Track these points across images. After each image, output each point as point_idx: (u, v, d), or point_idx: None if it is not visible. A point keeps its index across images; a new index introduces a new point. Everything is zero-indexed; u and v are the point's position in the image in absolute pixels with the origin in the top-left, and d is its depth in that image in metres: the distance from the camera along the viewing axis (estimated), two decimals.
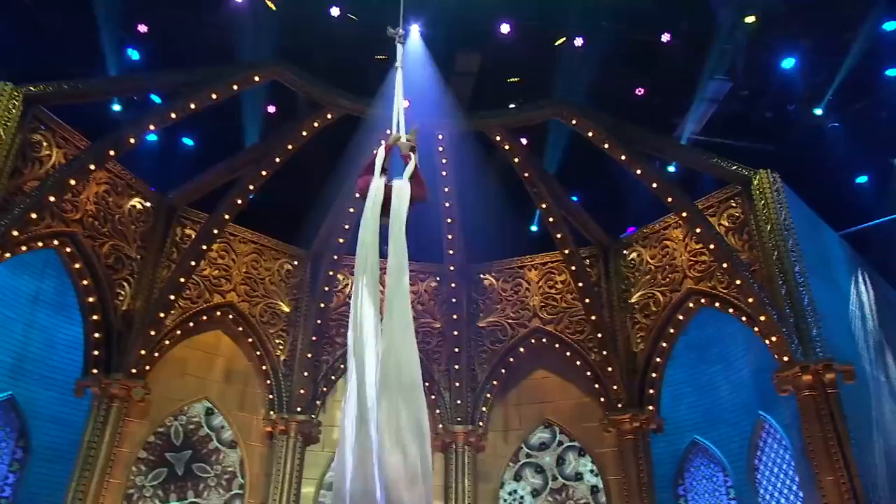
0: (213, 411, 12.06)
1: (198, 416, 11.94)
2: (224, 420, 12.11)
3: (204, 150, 13.91)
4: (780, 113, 13.28)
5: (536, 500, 12.43)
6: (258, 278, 12.89)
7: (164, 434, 11.46)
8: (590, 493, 12.22)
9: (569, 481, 12.43)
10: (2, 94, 9.29)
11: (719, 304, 11.26)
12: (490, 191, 14.07)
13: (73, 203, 10.34)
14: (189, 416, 11.82)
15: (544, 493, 12.44)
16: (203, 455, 11.71)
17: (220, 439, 11.97)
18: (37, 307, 12.05)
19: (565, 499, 12.30)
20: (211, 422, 12.01)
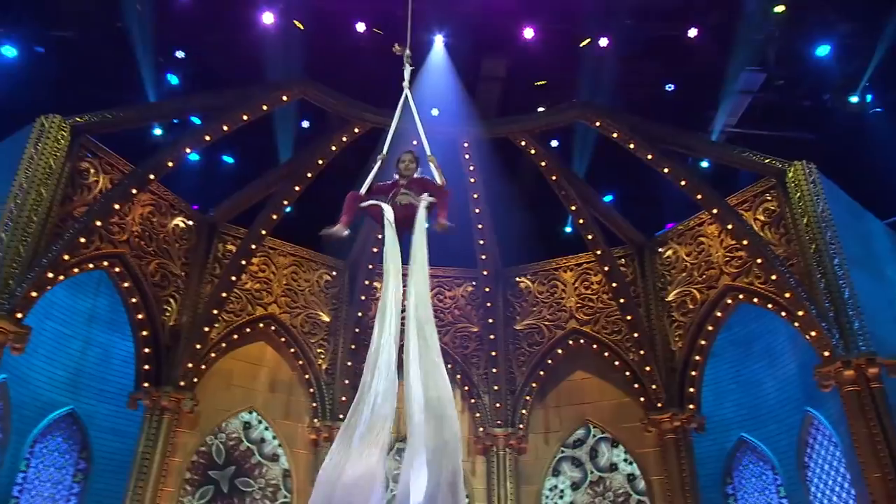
0: (250, 425, 12.33)
1: (237, 432, 12.23)
2: (262, 433, 12.39)
3: (242, 167, 14.38)
4: (818, 101, 12.92)
5: (576, 494, 12.48)
6: (298, 289, 13.26)
7: (207, 453, 11.77)
8: (627, 482, 12.25)
9: (604, 473, 12.47)
10: (51, 126, 9.86)
11: (758, 300, 11.06)
12: (521, 194, 14.16)
13: (120, 225, 10.88)
14: (227, 433, 12.10)
15: (584, 486, 12.48)
16: (246, 470, 12.03)
17: (261, 453, 12.27)
18: (92, 324, 12.66)
19: (604, 490, 12.34)
20: (250, 435, 12.29)
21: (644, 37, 12.45)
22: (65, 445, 12.09)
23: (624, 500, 12.17)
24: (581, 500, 12.42)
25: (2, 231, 9.01)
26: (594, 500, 12.34)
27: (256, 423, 12.41)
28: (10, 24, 12.12)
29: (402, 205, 5.94)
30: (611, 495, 12.26)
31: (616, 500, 12.20)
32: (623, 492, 12.20)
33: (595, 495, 12.36)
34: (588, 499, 12.39)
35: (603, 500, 12.27)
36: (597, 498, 12.33)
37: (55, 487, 11.82)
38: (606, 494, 12.30)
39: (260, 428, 12.42)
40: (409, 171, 6.13)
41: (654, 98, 13.34)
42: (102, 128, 10.33)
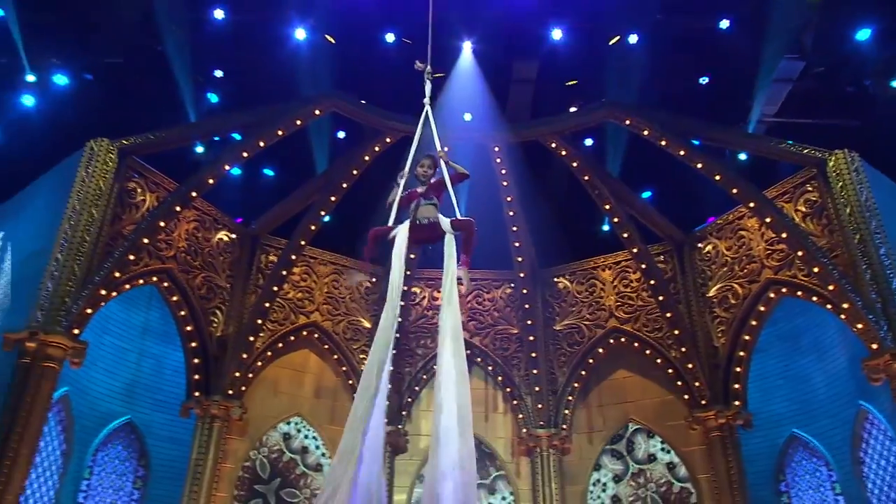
0: (290, 436, 12.54)
1: (278, 445, 12.46)
2: (303, 441, 12.60)
3: (281, 179, 14.75)
4: (860, 87, 12.55)
5: (619, 486, 12.49)
6: (339, 297, 13.54)
7: (251, 468, 12.02)
8: (667, 470, 12.25)
9: (643, 465, 12.46)
10: (100, 149, 10.36)
11: (801, 294, 10.83)
12: (557, 195, 14.15)
13: (167, 241, 11.33)
14: (269, 446, 12.34)
15: (626, 479, 12.49)
16: (291, 481, 12.29)
17: (305, 463, 12.52)
18: (146, 337, 13.16)
19: (646, 482, 12.33)
20: (291, 446, 12.53)
21: (675, 31, 12.32)
22: (124, 453, 12.60)
23: (666, 489, 12.17)
24: (624, 493, 12.44)
25: (58, 252, 9.51)
26: (637, 491, 12.35)
27: (296, 433, 12.65)
28: (62, 55, 12.74)
29: (422, 224, 5.94)
30: (653, 486, 12.27)
31: (658, 490, 12.21)
32: (665, 481, 12.21)
33: (637, 487, 12.38)
34: (631, 490, 12.40)
35: (645, 491, 12.28)
36: (639, 490, 12.34)
37: (117, 494, 12.33)
38: (648, 486, 12.31)
39: (300, 437, 12.67)
40: (426, 176, 6.17)
41: (688, 92, 13.20)
42: (147, 149, 10.79)
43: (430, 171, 6.21)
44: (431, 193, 6.10)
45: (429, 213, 5.97)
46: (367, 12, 12.29)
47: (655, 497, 12.20)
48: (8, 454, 8.39)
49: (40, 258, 9.91)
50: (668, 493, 12.15)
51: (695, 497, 11.85)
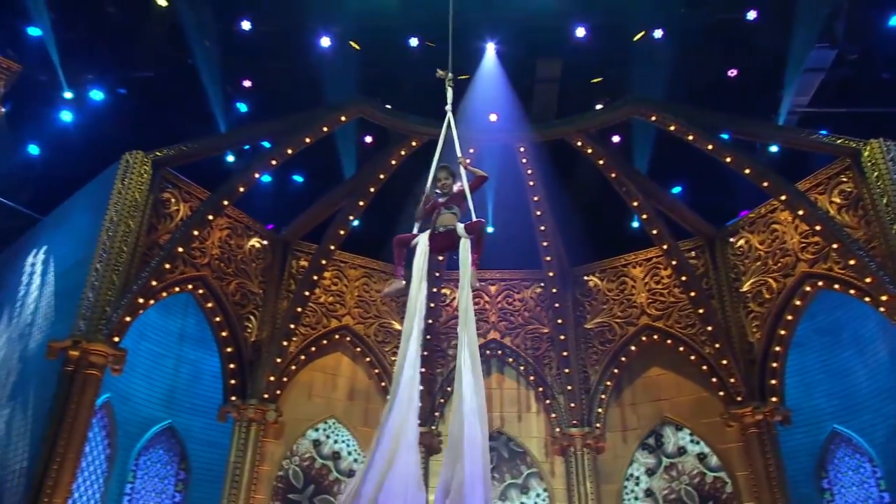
0: (319, 442, 12.60)
1: (308, 452, 12.52)
2: (333, 447, 12.64)
3: (309, 186, 14.96)
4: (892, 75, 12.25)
5: (652, 480, 12.44)
6: (370, 300, 13.68)
7: (284, 477, 12.10)
8: (699, 461, 12.19)
9: (674, 458, 12.40)
10: (135, 162, 10.66)
11: (839, 286, 10.62)
12: (584, 193, 14.09)
13: (200, 249, 11.59)
14: (300, 455, 12.39)
15: (659, 472, 12.44)
16: (325, 487, 12.38)
17: (338, 469, 12.58)
18: (183, 343, 13.47)
19: (678, 474, 12.26)
20: (322, 452, 12.59)
21: (700, 24, 12.16)
22: (165, 457, 12.89)
23: (699, 480, 12.10)
24: (658, 486, 12.38)
25: (97, 262, 9.82)
26: (671, 485, 12.28)
27: (325, 439, 12.72)
28: (96, 70, 13.13)
29: (440, 233, 6.09)
30: (686, 479, 12.20)
31: (692, 482, 12.13)
32: (697, 473, 12.14)
33: (671, 480, 12.31)
34: (664, 484, 12.34)
35: (679, 484, 12.21)
36: (673, 483, 12.27)
37: (159, 497, 12.62)
38: (681, 478, 12.23)
39: (329, 442, 12.73)
40: (447, 189, 6.31)
41: (716, 86, 13.00)
42: (180, 160, 11.07)
43: (449, 182, 6.32)
44: (452, 203, 6.23)
45: (447, 222, 6.13)
46: (391, 17, 12.40)
47: (689, 490, 12.13)
48: (55, 459, 8.69)
49: (81, 269, 10.25)
50: (702, 485, 12.08)
51: (730, 486, 11.75)
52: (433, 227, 6.14)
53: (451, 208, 6.20)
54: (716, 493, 11.94)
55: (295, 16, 12.52)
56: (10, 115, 11.92)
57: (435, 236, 6.08)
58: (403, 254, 6.23)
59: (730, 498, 11.68)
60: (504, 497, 12.83)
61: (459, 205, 6.22)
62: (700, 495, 12.03)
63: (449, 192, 6.28)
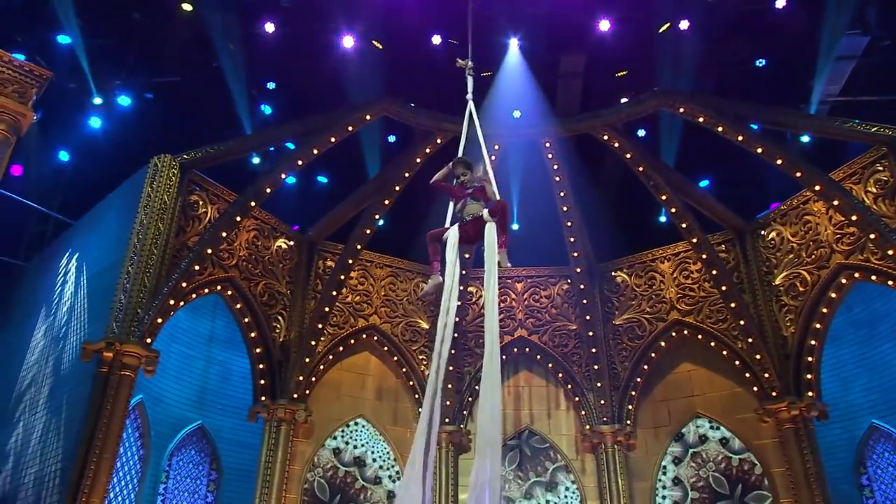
0: (339, 450, 12.42)
1: (330, 462, 12.33)
2: (352, 452, 12.49)
3: (334, 186, 15.01)
4: None
5: (679, 468, 12.37)
6: (396, 299, 13.68)
7: (310, 490, 11.95)
8: (721, 447, 12.15)
9: (696, 447, 12.34)
10: (163, 165, 10.77)
11: (876, 278, 10.39)
12: (611, 188, 13.93)
13: (228, 251, 11.68)
14: (322, 466, 12.22)
15: (686, 459, 12.37)
16: (351, 495, 12.26)
17: (363, 477, 12.45)
18: (212, 345, 13.59)
19: (704, 461, 12.21)
20: (343, 459, 12.44)
21: (728, 14, 11.95)
22: (197, 458, 13.02)
23: (725, 465, 12.02)
24: (685, 474, 12.30)
25: (129, 265, 9.94)
26: (698, 472, 12.20)
27: (344, 446, 12.56)
28: (125, 76, 13.31)
29: (467, 221, 6.19)
30: (712, 465, 12.12)
31: (718, 468, 12.05)
32: (722, 458, 12.09)
33: (698, 468, 12.23)
34: (692, 472, 12.25)
35: (706, 471, 12.13)
36: (700, 470, 12.19)
37: (192, 497, 12.74)
38: (707, 465, 12.16)
39: (349, 449, 12.57)
40: (469, 182, 6.40)
41: (744, 76, 12.79)
42: (207, 162, 11.17)
43: (468, 177, 6.43)
44: (477, 195, 6.34)
45: (473, 210, 6.23)
46: (413, 16, 12.38)
47: (717, 476, 12.04)
48: (92, 459, 8.81)
49: (113, 272, 10.39)
50: (729, 469, 12.02)
51: (758, 468, 11.69)
52: (461, 219, 6.23)
53: (477, 199, 6.30)
54: (744, 476, 11.87)
55: (318, 17, 12.57)
56: (40, 121, 12.12)
57: (464, 226, 6.17)
58: (438, 248, 6.27)
59: (759, 479, 11.65)
60: (529, 495, 12.75)
61: (484, 197, 6.29)
62: (728, 480, 11.96)
63: (471, 185, 6.37)
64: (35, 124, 11.46)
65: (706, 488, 12.05)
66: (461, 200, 6.31)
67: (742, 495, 11.76)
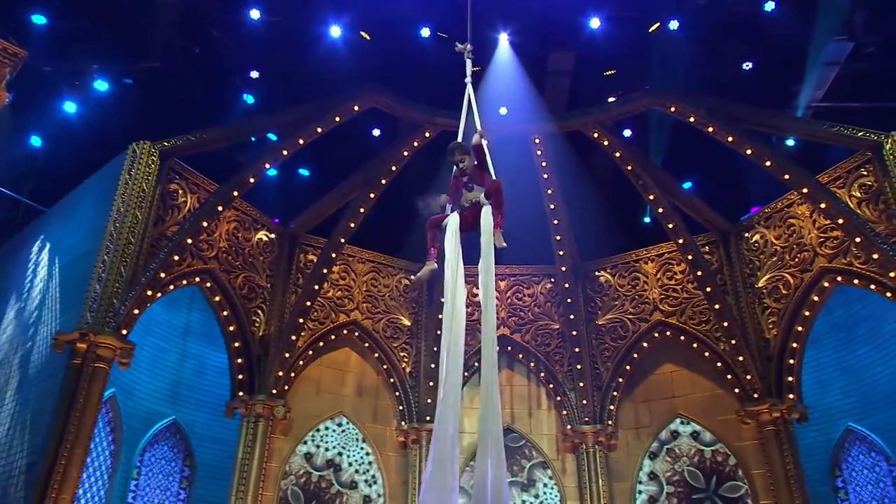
0: (311, 455, 12.02)
1: (302, 468, 11.86)
2: (324, 454, 12.10)
3: (316, 179, 14.73)
4: None
5: (655, 462, 12.45)
6: (378, 295, 13.48)
7: (283, 499, 11.60)
8: (693, 440, 12.30)
9: (669, 443, 12.44)
10: (142, 152, 10.44)
11: (859, 282, 10.46)
12: (596, 187, 13.88)
13: (208, 242, 11.37)
14: (295, 474, 11.79)
15: (661, 454, 12.45)
16: (327, 500, 11.92)
17: (339, 482, 12.08)
18: (188, 338, 13.27)
19: (678, 456, 12.33)
20: (315, 463, 12.02)
21: (718, 15, 11.97)
22: (170, 454, 12.70)
23: (699, 458, 12.13)
24: (660, 469, 12.35)
25: (104, 254, 9.60)
26: (673, 466, 12.28)
27: (315, 449, 12.16)
28: (102, 60, 12.89)
29: (466, 207, 6.00)
30: (685, 460, 12.21)
31: (692, 462, 12.16)
32: (695, 451, 12.22)
33: (673, 461, 12.32)
34: (667, 466, 12.33)
35: (681, 465, 12.23)
36: (675, 464, 12.28)
37: (164, 494, 12.43)
38: (682, 459, 12.26)
39: (321, 452, 12.17)
40: (465, 167, 6.12)
41: (732, 78, 12.81)
42: (188, 150, 10.86)
43: (466, 162, 6.12)
44: (474, 181, 6.08)
45: (472, 197, 6.02)
46: (401, 8, 12.19)
47: (692, 470, 12.13)
48: (62, 454, 8.48)
49: (87, 260, 10.03)
50: (702, 462, 12.11)
51: (732, 459, 11.81)
52: (461, 206, 6.03)
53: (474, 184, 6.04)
54: (718, 468, 11.99)
55: (304, 5, 12.31)
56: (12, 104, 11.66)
57: (463, 214, 5.98)
58: (437, 235, 6.07)
59: (732, 470, 11.77)
60: None
61: (482, 181, 6.04)
62: (703, 473, 12.04)
63: (468, 170, 6.11)
64: (7, 107, 11.04)
65: (681, 482, 12.13)
66: (460, 190, 6.11)
67: (717, 487, 11.85)
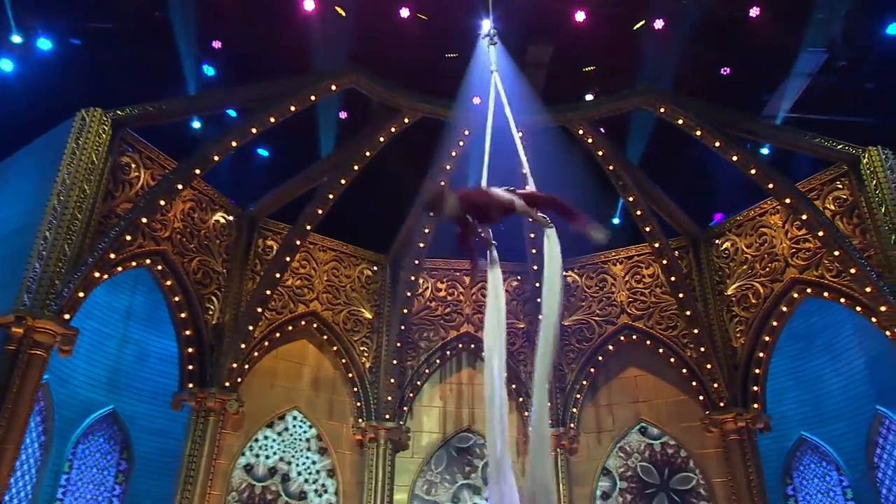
0: (251, 466, 11.28)
1: (244, 482, 11.17)
2: (264, 462, 11.43)
3: (279, 161, 13.97)
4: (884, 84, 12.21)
5: (609, 459, 12.46)
6: (339, 286, 12.88)
7: None
8: (641, 435, 12.40)
9: (619, 441, 12.48)
10: (92, 120, 9.51)
11: (829, 294, 10.53)
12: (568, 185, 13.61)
13: (161, 222, 10.53)
14: (237, 489, 11.05)
15: (614, 451, 12.46)
16: None
17: (287, 492, 11.39)
18: (129, 322, 12.43)
19: (629, 453, 12.37)
20: (257, 474, 11.26)
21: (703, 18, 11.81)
22: (106, 446, 11.92)
23: (650, 453, 12.19)
24: (613, 464, 12.36)
25: (46, 229, 8.69)
26: (626, 462, 12.29)
27: (255, 459, 11.38)
28: (45, 17, 11.78)
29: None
30: (637, 456, 12.24)
31: (644, 457, 12.21)
32: (644, 446, 12.29)
33: (626, 457, 12.34)
34: (620, 462, 12.34)
35: (634, 461, 12.26)
36: (628, 460, 12.31)
37: (98, 489, 11.67)
38: (633, 456, 12.28)
39: (261, 460, 11.42)
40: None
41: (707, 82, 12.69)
42: (144, 121, 9.98)
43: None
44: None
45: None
46: None
47: (645, 465, 12.15)
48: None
49: (24, 235, 9.06)
50: (654, 456, 12.16)
51: (683, 451, 11.93)
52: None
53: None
54: (669, 460, 12.05)
55: None
56: None
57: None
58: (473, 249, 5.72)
59: (684, 461, 11.87)
60: (456, 499, 12.32)
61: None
62: (656, 467, 12.06)
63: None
64: None
65: (634, 478, 12.09)
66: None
67: (668, 479, 11.88)
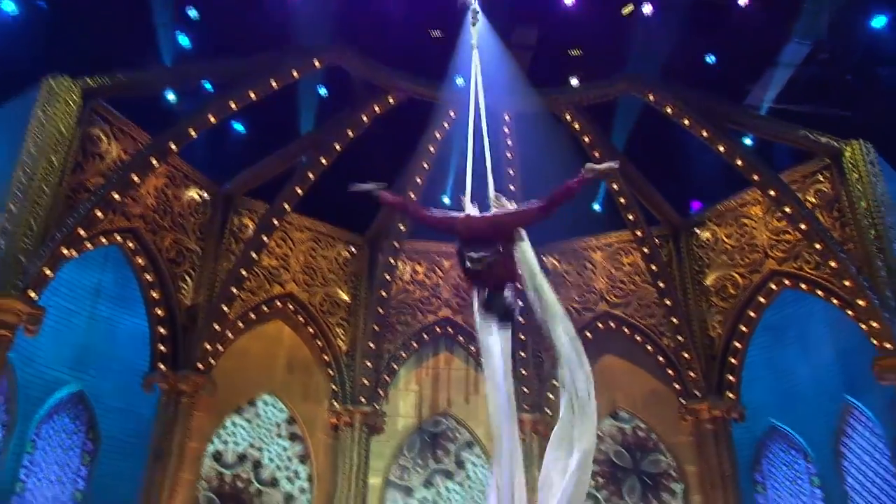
0: (220, 454, 11.20)
1: (213, 470, 11.07)
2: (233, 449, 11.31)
3: (256, 138, 13.55)
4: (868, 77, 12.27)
5: None
6: (316, 267, 12.65)
7: None
8: (613, 419, 12.46)
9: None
10: (61, 89, 9.07)
11: (806, 286, 10.63)
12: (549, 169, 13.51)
13: (133, 197, 10.15)
14: (207, 478, 10.97)
15: None
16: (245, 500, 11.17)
17: (259, 479, 11.28)
18: (98, 300, 12.02)
19: (601, 438, 12.36)
20: (226, 461, 11.15)
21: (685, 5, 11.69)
22: (71, 426, 11.57)
23: (622, 438, 12.37)
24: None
25: (11, 203, 8.28)
26: (599, 447, 12.13)
27: (224, 447, 11.24)
28: None
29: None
30: (609, 441, 12.34)
31: (615, 441, 12.35)
32: (616, 430, 12.42)
33: (599, 442, 12.27)
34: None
35: (606, 446, 12.32)
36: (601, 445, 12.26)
37: (62, 470, 11.33)
38: (606, 440, 12.34)
39: (230, 447, 11.28)
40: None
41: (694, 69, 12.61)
42: (116, 91, 9.57)
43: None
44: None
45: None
46: None
47: (618, 449, 12.25)
48: None
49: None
50: (625, 440, 12.29)
51: (654, 435, 12.07)
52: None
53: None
54: (640, 442, 12.20)
55: None
56: None
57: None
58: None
59: (655, 444, 12.03)
60: (429, 484, 12.30)
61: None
62: (629, 451, 12.18)
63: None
64: None
65: (606, 462, 12.15)
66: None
67: (639, 462, 12.01)
